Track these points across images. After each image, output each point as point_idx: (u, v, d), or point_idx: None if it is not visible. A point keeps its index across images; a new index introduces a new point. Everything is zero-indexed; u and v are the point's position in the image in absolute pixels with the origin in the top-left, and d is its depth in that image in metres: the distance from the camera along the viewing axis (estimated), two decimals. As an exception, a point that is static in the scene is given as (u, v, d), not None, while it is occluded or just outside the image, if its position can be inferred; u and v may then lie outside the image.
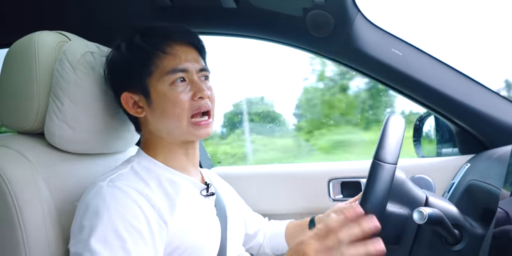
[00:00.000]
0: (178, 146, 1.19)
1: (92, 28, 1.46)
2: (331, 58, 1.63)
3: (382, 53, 1.56)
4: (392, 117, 1.00)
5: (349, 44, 1.56)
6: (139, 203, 0.98)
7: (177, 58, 1.12)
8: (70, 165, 1.17)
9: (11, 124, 1.14)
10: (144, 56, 1.11)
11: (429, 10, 5.06)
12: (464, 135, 1.69)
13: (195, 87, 1.12)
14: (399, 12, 3.81)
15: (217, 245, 1.16)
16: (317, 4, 1.44)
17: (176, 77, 1.11)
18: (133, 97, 1.14)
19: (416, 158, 1.91)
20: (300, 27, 1.54)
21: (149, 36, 1.13)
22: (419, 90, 1.59)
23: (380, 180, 0.91)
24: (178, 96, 1.10)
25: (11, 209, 0.95)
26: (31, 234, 0.97)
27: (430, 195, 1.11)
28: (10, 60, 1.13)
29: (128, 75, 1.13)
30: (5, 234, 0.96)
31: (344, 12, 1.48)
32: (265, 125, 5.42)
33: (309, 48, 1.63)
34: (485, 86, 1.58)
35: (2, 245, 0.97)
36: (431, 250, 1.05)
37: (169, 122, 1.12)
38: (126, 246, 0.91)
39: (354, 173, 1.76)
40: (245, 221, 1.51)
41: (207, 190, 1.23)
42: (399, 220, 1.05)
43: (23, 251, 0.96)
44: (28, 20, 1.64)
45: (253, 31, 1.64)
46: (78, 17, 1.61)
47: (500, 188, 0.83)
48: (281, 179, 1.83)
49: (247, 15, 1.58)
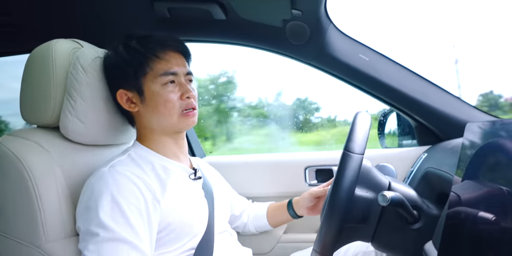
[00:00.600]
0: (168, 136, 1.20)
1: (101, 36, 1.42)
2: (307, 63, 1.61)
3: (351, 58, 1.55)
4: (360, 114, 0.99)
5: (323, 50, 1.54)
6: (137, 185, 1.00)
7: (168, 63, 1.14)
8: (81, 155, 1.16)
9: (31, 119, 1.13)
10: (141, 58, 1.11)
11: (390, 21, 5.19)
12: (421, 129, 1.68)
13: (183, 89, 1.14)
14: (366, 23, 3.84)
15: (205, 222, 1.15)
16: (295, 16, 1.42)
17: (167, 79, 1.12)
18: (127, 94, 1.14)
19: (381, 149, 1.91)
20: (280, 36, 1.53)
21: (146, 42, 1.13)
22: (383, 90, 1.57)
23: (349, 168, 0.90)
24: (168, 95, 1.11)
25: (31, 193, 0.96)
26: (48, 213, 0.98)
27: (393, 181, 1.09)
28: (31, 65, 1.12)
29: (125, 74, 1.12)
30: (26, 214, 0.97)
31: (318, 23, 1.46)
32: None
33: (288, 54, 1.62)
34: (439, 86, 1.58)
35: (24, 223, 0.97)
36: (393, 228, 1.03)
37: (160, 116, 1.13)
38: (129, 222, 0.94)
39: (327, 162, 1.75)
40: (232, 203, 1.49)
41: (195, 174, 1.23)
42: (366, 202, 1.02)
43: (41, 228, 0.96)
44: (45, 29, 1.61)
45: (240, 39, 1.63)
46: (89, 26, 1.59)
47: (453, 174, 0.82)
48: (264, 166, 1.82)
49: (235, 26, 1.56)
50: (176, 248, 1.08)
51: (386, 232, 1.04)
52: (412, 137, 1.76)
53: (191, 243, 1.10)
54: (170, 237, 1.06)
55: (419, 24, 3.90)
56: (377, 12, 5.92)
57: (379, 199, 0.89)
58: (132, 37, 1.15)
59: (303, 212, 1.43)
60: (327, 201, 0.95)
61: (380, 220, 1.03)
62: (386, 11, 5.29)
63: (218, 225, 1.24)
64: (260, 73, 5.25)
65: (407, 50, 3.65)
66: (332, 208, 0.89)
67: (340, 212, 0.88)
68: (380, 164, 1.33)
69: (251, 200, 1.65)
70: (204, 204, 1.19)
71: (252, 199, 1.69)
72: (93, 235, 0.91)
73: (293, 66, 4.23)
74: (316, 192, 1.38)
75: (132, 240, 0.93)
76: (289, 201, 1.48)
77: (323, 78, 1.67)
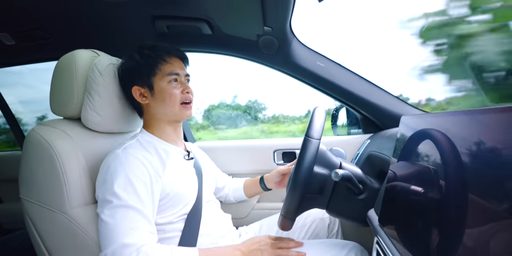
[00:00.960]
0: (169, 125, 1.21)
1: (113, 47, 1.41)
2: (276, 68, 1.60)
3: (311, 65, 1.55)
4: (317, 108, 1.01)
5: (288, 59, 1.54)
6: (144, 164, 1.02)
7: (172, 65, 1.17)
8: (97, 140, 1.18)
9: (58, 112, 1.15)
10: (152, 62, 1.14)
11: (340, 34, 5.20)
12: (365, 120, 1.69)
13: (183, 86, 1.18)
14: (321, 36, 3.81)
15: (195, 193, 1.18)
16: (266, 31, 1.42)
17: (172, 78, 1.15)
18: (140, 89, 1.16)
19: (334, 136, 1.90)
20: (255, 47, 1.52)
21: (156, 50, 1.16)
22: (335, 90, 1.57)
23: (309, 150, 0.91)
24: (173, 90, 1.15)
25: (58, 170, 0.99)
26: (71, 186, 1.01)
27: (343, 161, 1.10)
28: (58, 69, 1.13)
29: (139, 74, 1.15)
30: (55, 186, 0.99)
31: (284, 37, 1.45)
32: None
33: (261, 62, 1.61)
34: (380, 87, 1.59)
35: (53, 194, 1.00)
36: (343, 198, 1.04)
37: (166, 106, 1.15)
38: (137, 192, 0.97)
39: (291, 146, 1.75)
40: (216, 178, 1.51)
41: (188, 156, 1.25)
42: (322, 177, 1.03)
43: (66, 198, 1.00)
44: (69, 41, 1.62)
45: (223, 50, 1.62)
46: (104, 40, 1.59)
47: (390, 156, 0.82)
48: (241, 150, 1.83)
49: (219, 39, 1.55)
50: (173, 213, 1.10)
51: (338, 201, 1.04)
52: (358, 127, 1.76)
53: (184, 209, 1.13)
54: (168, 205, 1.09)
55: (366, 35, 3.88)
56: (331, 26, 5.88)
57: (332, 175, 0.90)
58: (144, 47, 1.17)
59: (272, 186, 1.44)
60: (292, 175, 0.95)
61: (333, 192, 1.04)
62: (339, 24, 5.21)
63: (205, 195, 1.26)
64: (219, 79, 5.24)
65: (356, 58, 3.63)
66: (295, 181, 0.90)
67: (302, 184, 0.89)
68: (333, 148, 1.34)
69: (231, 176, 1.66)
70: (195, 179, 1.22)
71: (231, 175, 1.70)
72: (108, 202, 0.95)
73: (245, 74, 4.26)
74: (282, 170, 1.39)
75: (139, 207, 0.96)
76: (261, 177, 1.50)
77: (269, 84, 1.68)
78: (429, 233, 0.53)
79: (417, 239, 0.58)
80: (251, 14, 1.25)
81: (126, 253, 0.89)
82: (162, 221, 1.08)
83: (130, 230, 0.92)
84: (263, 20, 1.30)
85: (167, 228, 1.09)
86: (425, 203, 0.57)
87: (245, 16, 1.29)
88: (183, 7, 1.34)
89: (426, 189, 0.57)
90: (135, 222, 0.94)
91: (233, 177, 1.66)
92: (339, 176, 0.89)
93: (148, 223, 0.97)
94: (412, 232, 0.61)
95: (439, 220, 0.51)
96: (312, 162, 0.91)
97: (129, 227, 0.92)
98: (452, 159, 0.50)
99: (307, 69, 1.54)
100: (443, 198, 0.51)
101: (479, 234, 0.40)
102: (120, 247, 0.90)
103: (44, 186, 1.00)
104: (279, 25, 1.35)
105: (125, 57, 1.19)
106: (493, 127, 0.43)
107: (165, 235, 1.08)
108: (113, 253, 0.90)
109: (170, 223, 1.09)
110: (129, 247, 0.90)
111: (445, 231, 0.49)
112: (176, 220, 1.11)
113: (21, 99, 3.01)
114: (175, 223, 1.10)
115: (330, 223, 1.39)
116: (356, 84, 1.56)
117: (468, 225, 0.43)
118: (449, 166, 0.51)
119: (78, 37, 1.59)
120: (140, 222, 0.95)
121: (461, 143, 0.49)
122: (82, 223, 1.00)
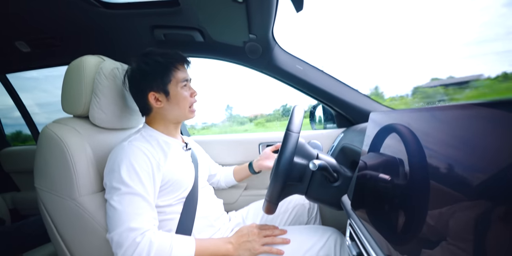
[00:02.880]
0: (174, 123, 1.20)
1: (117, 53, 1.42)
2: (261, 71, 1.60)
3: (291, 68, 1.55)
4: (297, 106, 1.00)
5: (271, 62, 1.53)
6: (147, 155, 1.02)
7: (184, 73, 1.15)
8: (104, 135, 1.18)
9: (69, 110, 1.14)
10: (167, 70, 1.12)
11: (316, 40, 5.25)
12: (339, 116, 1.69)
13: (192, 90, 1.18)
14: (299, 42, 3.84)
15: (192, 179, 1.18)
16: (251, 39, 1.41)
17: (184, 84, 1.15)
18: (154, 95, 1.13)
19: (312, 130, 1.90)
20: (241, 52, 1.51)
21: (168, 57, 1.13)
22: (313, 90, 1.57)
23: (290, 142, 0.91)
24: (186, 95, 1.14)
25: (68, 162, 1.00)
26: (80, 176, 1.01)
27: (320, 153, 1.09)
28: (69, 73, 1.12)
29: (155, 80, 1.11)
30: (66, 176, 1.00)
31: (267, 43, 1.44)
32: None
33: (247, 65, 1.59)
34: (351, 87, 1.59)
35: (64, 183, 1.00)
36: (320, 185, 1.03)
37: (180, 109, 1.15)
38: (142, 181, 0.97)
39: (274, 139, 1.75)
40: (209, 166, 1.52)
41: (186, 147, 1.26)
42: (301, 167, 1.03)
43: (76, 186, 1.00)
44: (78, 48, 1.60)
45: (214, 55, 1.60)
46: (108, 46, 1.56)
47: (361, 148, 0.79)
48: (230, 143, 1.83)
49: (210, 46, 1.53)
50: (173, 197, 1.10)
51: (315, 188, 1.04)
52: (333, 122, 1.76)
53: (183, 193, 1.12)
54: (169, 190, 1.08)
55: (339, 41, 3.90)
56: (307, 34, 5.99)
57: (310, 165, 0.90)
58: (156, 53, 1.13)
59: (260, 163, 1.47)
60: (275, 165, 0.94)
61: (311, 180, 1.04)
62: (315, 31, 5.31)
63: (201, 181, 1.26)
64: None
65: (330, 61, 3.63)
66: (278, 169, 0.90)
67: (284, 173, 0.89)
68: (311, 141, 1.33)
69: (221, 165, 1.68)
70: (192, 167, 1.21)
71: (222, 165, 1.72)
72: (116, 189, 0.95)
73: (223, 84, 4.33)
74: (269, 149, 1.47)
75: (143, 194, 0.96)
76: (250, 162, 1.53)
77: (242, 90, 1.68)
78: (395, 215, 0.53)
79: (385, 220, 0.58)
80: (238, 23, 1.23)
81: (132, 237, 0.89)
82: (163, 203, 1.07)
83: (136, 215, 0.92)
84: (248, 29, 1.28)
85: (167, 210, 1.08)
86: (391, 189, 0.57)
87: (232, 26, 1.28)
88: (178, 18, 1.33)
89: (392, 177, 0.57)
90: (141, 208, 0.94)
91: (223, 166, 1.67)
92: (316, 166, 0.89)
93: (151, 209, 0.97)
94: (380, 215, 0.61)
95: (404, 203, 0.51)
96: (293, 153, 0.90)
97: (135, 213, 0.92)
98: (415, 150, 0.51)
99: (288, 71, 1.54)
100: (407, 184, 0.51)
101: (439, 215, 0.40)
102: (126, 230, 0.89)
103: (56, 176, 1.01)
104: (263, 33, 1.34)
105: (135, 64, 1.14)
106: (449, 122, 0.43)
107: (165, 217, 1.08)
108: (120, 235, 0.89)
109: (170, 205, 1.09)
110: (135, 231, 0.90)
111: (408, 212, 0.49)
112: (175, 202, 1.10)
113: (37, 101, 2.99)
114: (174, 205, 1.10)
115: (310, 208, 1.39)
116: (330, 85, 1.56)
117: (429, 207, 0.43)
118: (412, 156, 0.51)
119: (86, 44, 1.57)
120: (144, 208, 0.95)
121: (423, 136, 0.49)
122: (90, 209, 1.01)
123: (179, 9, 1.25)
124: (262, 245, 1.05)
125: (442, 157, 0.43)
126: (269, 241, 1.06)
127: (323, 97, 1.59)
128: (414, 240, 0.46)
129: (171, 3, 1.25)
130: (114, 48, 1.56)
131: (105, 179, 1.01)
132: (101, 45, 1.57)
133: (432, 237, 0.42)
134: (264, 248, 1.04)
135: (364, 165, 0.75)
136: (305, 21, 11.26)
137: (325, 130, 1.78)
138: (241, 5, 1.06)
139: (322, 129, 1.86)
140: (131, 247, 0.88)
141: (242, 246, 1.04)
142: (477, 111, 0.38)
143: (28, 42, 1.56)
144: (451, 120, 0.43)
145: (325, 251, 1.04)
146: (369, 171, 0.71)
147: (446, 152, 0.42)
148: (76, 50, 1.58)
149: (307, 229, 1.16)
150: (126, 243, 0.88)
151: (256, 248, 1.04)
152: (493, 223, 0.31)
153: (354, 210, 0.79)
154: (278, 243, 1.07)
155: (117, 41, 1.53)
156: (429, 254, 0.42)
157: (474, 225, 0.34)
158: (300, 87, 1.59)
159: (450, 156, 0.41)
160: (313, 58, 1.57)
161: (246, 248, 1.04)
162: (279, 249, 1.04)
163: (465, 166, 0.37)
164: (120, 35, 1.49)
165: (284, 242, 1.07)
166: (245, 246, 1.05)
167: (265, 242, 1.06)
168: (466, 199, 0.36)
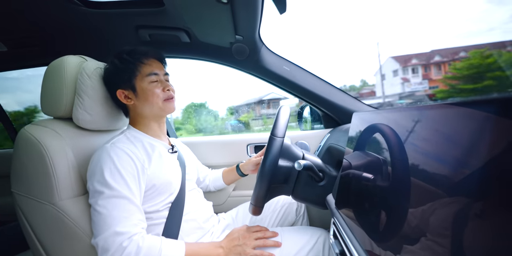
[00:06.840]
0: (154, 121, 1.17)
1: (99, 53, 1.39)
2: (248, 72, 1.59)
3: (278, 69, 1.55)
4: (282, 107, 0.99)
5: (258, 63, 1.53)
6: (131, 157, 0.99)
7: (151, 66, 1.12)
8: (86, 138, 1.13)
9: (49, 112, 1.09)
10: (131, 65, 1.10)
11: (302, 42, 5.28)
12: (326, 117, 1.70)
13: (163, 84, 1.13)
14: (286, 43, 3.86)
15: (179, 183, 1.14)
16: (238, 40, 1.41)
17: (152, 78, 1.11)
18: (124, 92, 1.12)
19: (299, 131, 1.92)
20: (228, 54, 1.51)
21: (133, 54, 1.11)
22: (300, 90, 1.58)
23: (273, 147, 0.91)
24: (154, 89, 1.11)
25: (48, 166, 0.95)
26: (60, 180, 0.97)
27: (305, 153, 1.10)
28: (48, 73, 1.08)
29: (121, 78, 1.10)
30: (44, 180, 0.95)
31: (254, 44, 1.44)
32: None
33: (234, 66, 1.59)
34: (338, 88, 1.60)
35: (43, 187, 0.96)
36: (306, 185, 1.04)
37: (150, 104, 1.11)
38: (127, 183, 0.94)
39: (262, 140, 1.75)
40: (197, 169, 1.49)
41: (172, 149, 1.22)
42: (286, 169, 1.03)
43: (55, 190, 0.96)
44: (59, 48, 1.57)
45: (200, 56, 1.59)
46: (91, 46, 1.54)
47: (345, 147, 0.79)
48: (219, 144, 1.82)
49: (196, 46, 1.52)
50: (160, 202, 1.06)
51: (301, 188, 1.04)
52: (320, 123, 1.77)
53: (169, 198, 1.09)
54: (154, 194, 1.05)
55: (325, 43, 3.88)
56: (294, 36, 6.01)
57: (296, 165, 0.91)
58: (123, 52, 1.12)
59: (249, 172, 1.45)
60: (259, 170, 0.94)
61: (297, 180, 1.04)
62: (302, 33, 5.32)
63: (188, 185, 1.23)
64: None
65: (317, 63, 3.63)
66: (262, 174, 0.90)
67: (268, 177, 0.89)
68: (299, 141, 1.35)
69: (210, 168, 1.64)
70: (179, 170, 1.17)
71: (211, 167, 1.70)
72: (100, 193, 0.91)
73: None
74: (255, 160, 1.40)
75: (129, 196, 0.93)
76: (237, 165, 1.49)
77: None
78: (378, 213, 0.53)
79: (368, 218, 0.58)
80: (224, 24, 1.22)
81: (118, 241, 0.86)
82: (150, 209, 1.04)
83: (122, 219, 0.89)
84: (235, 30, 1.28)
85: (154, 216, 1.05)
86: (374, 188, 0.57)
87: (218, 26, 1.26)
88: (163, 18, 1.32)
89: (375, 176, 0.58)
90: (127, 211, 0.91)
91: (212, 168, 1.64)
92: (301, 166, 0.90)
93: (138, 212, 0.94)
94: (363, 213, 0.61)
95: (386, 201, 0.52)
96: (276, 158, 0.90)
97: (121, 216, 0.89)
98: (397, 149, 0.51)
99: (275, 72, 1.53)
100: (390, 183, 0.51)
101: (421, 212, 0.41)
102: (112, 235, 0.86)
103: (34, 180, 0.96)
104: (249, 34, 1.34)
105: (107, 63, 1.14)
106: (429, 121, 0.44)
107: (152, 222, 1.04)
108: (105, 240, 0.86)
109: (157, 211, 1.05)
110: (122, 235, 0.86)
111: (391, 210, 0.49)
112: (162, 208, 1.07)
113: (20, 102, 2.94)
114: (161, 211, 1.07)
115: (298, 207, 1.39)
116: (317, 85, 1.56)
117: (411, 205, 0.43)
118: (394, 155, 0.52)
119: (67, 44, 1.53)
120: (131, 211, 0.91)
121: (404, 135, 0.49)
122: (71, 214, 0.96)
123: (164, 9, 1.24)
124: (253, 248, 1.03)
125: (423, 156, 0.43)
126: (260, 244, 1.04)
127: (310, 98, 1.59)
128: (395, 236, 0.47)
129: (155, 3, 1.24)
130: (97, 48, 1.53)
131: (88, 182, 0.97)
132: (83, 45, 1.53)
133: (412, 234, 0.42)
134: (255, 252, 1.02)
135: (347, 164, 0.75)
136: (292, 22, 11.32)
137: (313, 130, 1.79)
138: (226, 6, 1.05)
139: (310, 129, 1.87)
140: (117, 252, 0.84)
141: (233, 250, 1.02)
142: (454, 110, 0.39)
143: (4, 42, 1.51)
144: (430, 119, 0.43)
145: (314, 252, 1.04)
146: (353, 170, 0.71)
147: (426, 150, 0.43)
148: (57, 50, 1.54)
149: (297, 230, 1.16)
150: (112, 248, 0.85)
151: (247, 252, 1.01)
152: (470, 219, 0.32)
153: (338, 209, 0.79)
154: (270, 246, 1.05)
155: (100, 41, 1.50)
156: (409, 249, 0.42)
157: (452, 221, 0.34)
158: (287, 88, 1.59)
159: (429, 154, 0.41)
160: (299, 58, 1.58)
161: (237, 252, 1.01)
162: (271, 253, 1.03)
163: (444, 164, 0.38)
164: (103, 36, 1.46)
165: (276, 245, 1.06)
166: (236, 250, 1.02)
167: (256, 245, 1.04)
168: (444, 196, 0.37)
